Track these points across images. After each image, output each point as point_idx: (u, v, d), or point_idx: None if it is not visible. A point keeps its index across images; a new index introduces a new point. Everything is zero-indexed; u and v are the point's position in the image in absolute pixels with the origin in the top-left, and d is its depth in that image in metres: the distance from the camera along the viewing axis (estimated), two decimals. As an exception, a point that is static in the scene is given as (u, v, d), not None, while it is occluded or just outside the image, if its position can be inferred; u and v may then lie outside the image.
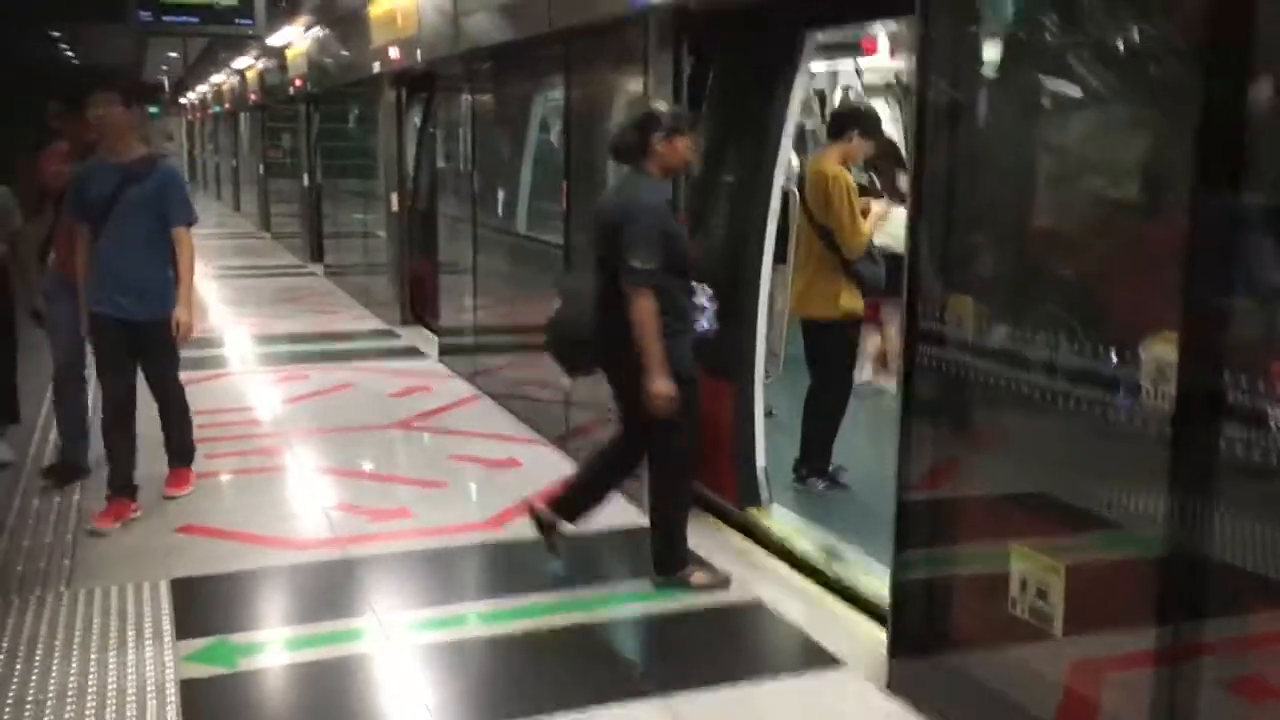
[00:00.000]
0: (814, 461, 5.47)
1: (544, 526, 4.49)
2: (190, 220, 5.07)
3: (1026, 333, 2.92)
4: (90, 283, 4.94)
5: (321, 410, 7.12)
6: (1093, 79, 2.83)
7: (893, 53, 6.25)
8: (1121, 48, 2.76)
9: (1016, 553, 2.99)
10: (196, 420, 6.60)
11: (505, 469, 5.88)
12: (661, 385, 4.08)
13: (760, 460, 5.14)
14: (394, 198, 10.28)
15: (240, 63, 19.35)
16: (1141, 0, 2.73)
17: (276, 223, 18.64)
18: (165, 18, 10.78)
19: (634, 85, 5.20)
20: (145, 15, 10.68)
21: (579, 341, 4.47)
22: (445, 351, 8.52)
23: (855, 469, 5.45)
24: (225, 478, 5.72)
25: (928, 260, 3.31)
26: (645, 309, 4.05)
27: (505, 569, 4.60)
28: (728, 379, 5.11)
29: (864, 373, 6.55)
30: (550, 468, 5.81)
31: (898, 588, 3.51)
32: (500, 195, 7.28)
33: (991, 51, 3.18)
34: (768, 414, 5.20)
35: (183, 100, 34.88)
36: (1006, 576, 3.00)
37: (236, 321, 10.60)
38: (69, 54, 26.43)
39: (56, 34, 21.46)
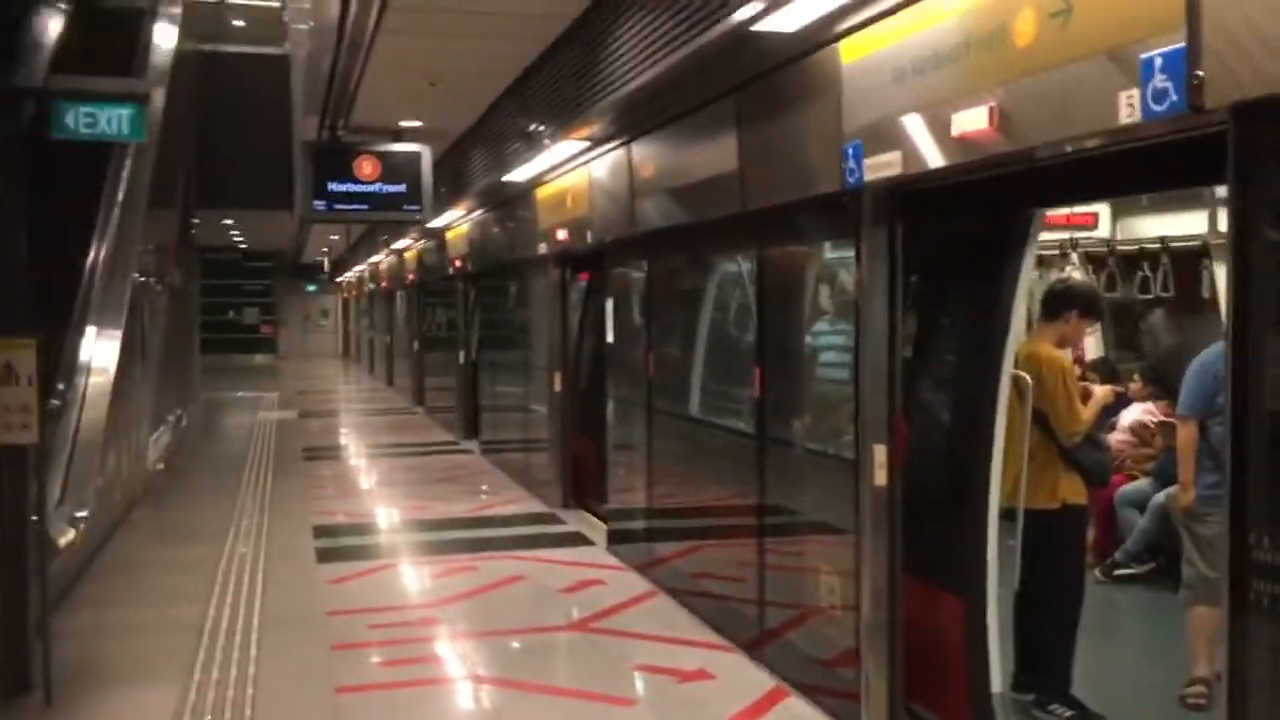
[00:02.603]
0: (1052, 681, 4.82)
1: None
2: None
3: None
4: None
5: (493, 608, 6.73)
6: None
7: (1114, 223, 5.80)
8: None
9: None
10: (367, 618, 6.29)
11: (695, 681, 5.34)
12: None
13: (996, 684, 4.51)
14: (557, 377, 10.09)
15: (399, 244, 19.97)
16: None
17: (430, 398, 18.81)
18: (337, 206, 11.02)
19: (844, 264, 4.85)
20: (319, 204, 10.95)
21: None
22: (615, 539, 8.11)
23: (1099, 687, 4.78)
24: (400, 690, 5.32)
25: (1257, 471, 2.76)
26: None
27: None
28: (954, 590, 4.55)
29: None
30: (744, 679, 5.27)
31: None
32: (681, 377, 6.96)
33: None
34: None
35: (339, 279, 36.40)
36: None
37: (394, 504, 10.42)
38: (239, 239, 27.84)
39: (228, 221, 22.56)
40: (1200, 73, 2.71)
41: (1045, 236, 6.72)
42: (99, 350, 8.65)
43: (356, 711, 4.97)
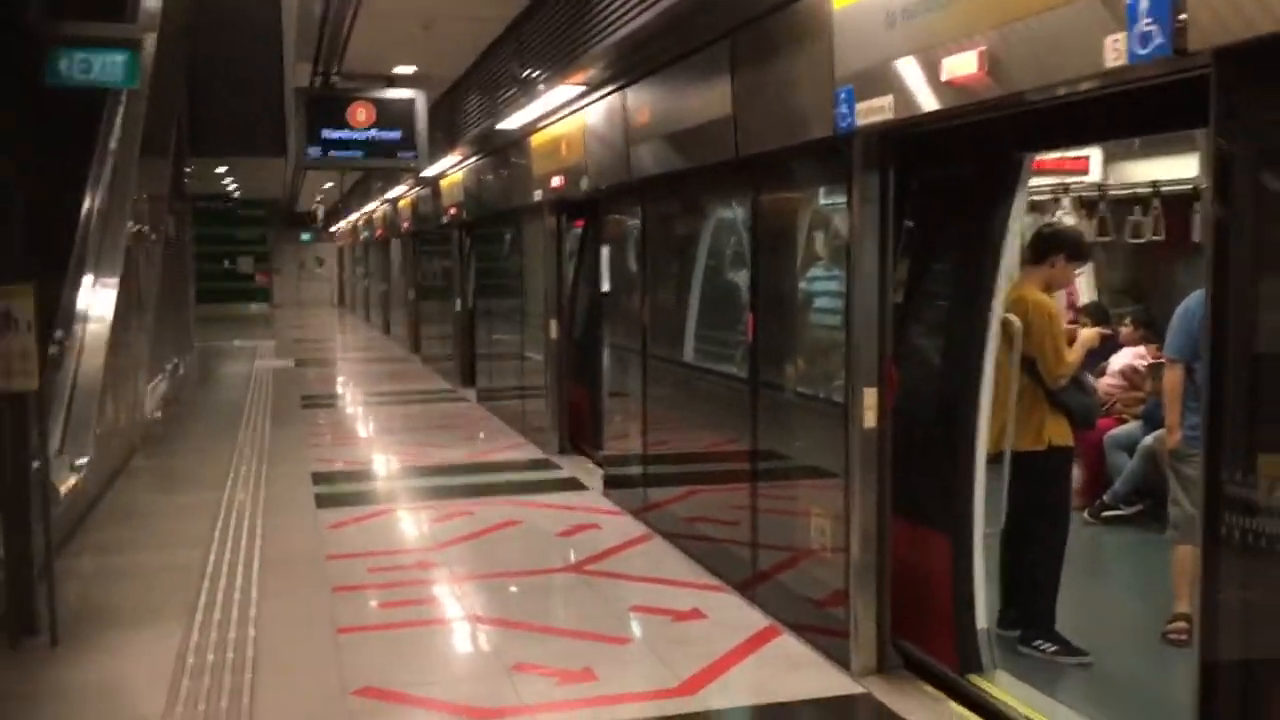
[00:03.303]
0: (1037, 618, 4.93)
1: None
2: None
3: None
4: None
5: (490, 551, 6.83)
6: None
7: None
8: None
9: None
10: (366, 562, 6.39)
11: (690, 621, 5.44)
12: None
13: (981, 621, 4.61)
14: (553, 324, 10.13)
15: (394, 192, 19.90)
16: None
17: (427, 347, 18.85)
18: (331, 152, 11.01)
19: (836, 209, 4.88)
20: (313, 151, 10.93)
21: None
22: (611, 484, 8.20)
23: (1084, 624, 4.89)
24: (400, 631, 5.42)
25: (1233, 411, 2.82)
26: None
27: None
28: (941, 530, 4.64)
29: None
30: (737, 618, 5.38)
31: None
32: (676, 323, 7.01)
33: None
34: None
35: (334, 228, 36.27)
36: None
37: (392, 450, 10.51)
38: (232, 186, 27.71)
39: (222, 169, 22.44)
40: (1184, 16, 2.74)
41: (1037, 181, 6.75)
42: (96, 299, 8.67)
43: (357, 650, 5.06)
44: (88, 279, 8.70)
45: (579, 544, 6.94)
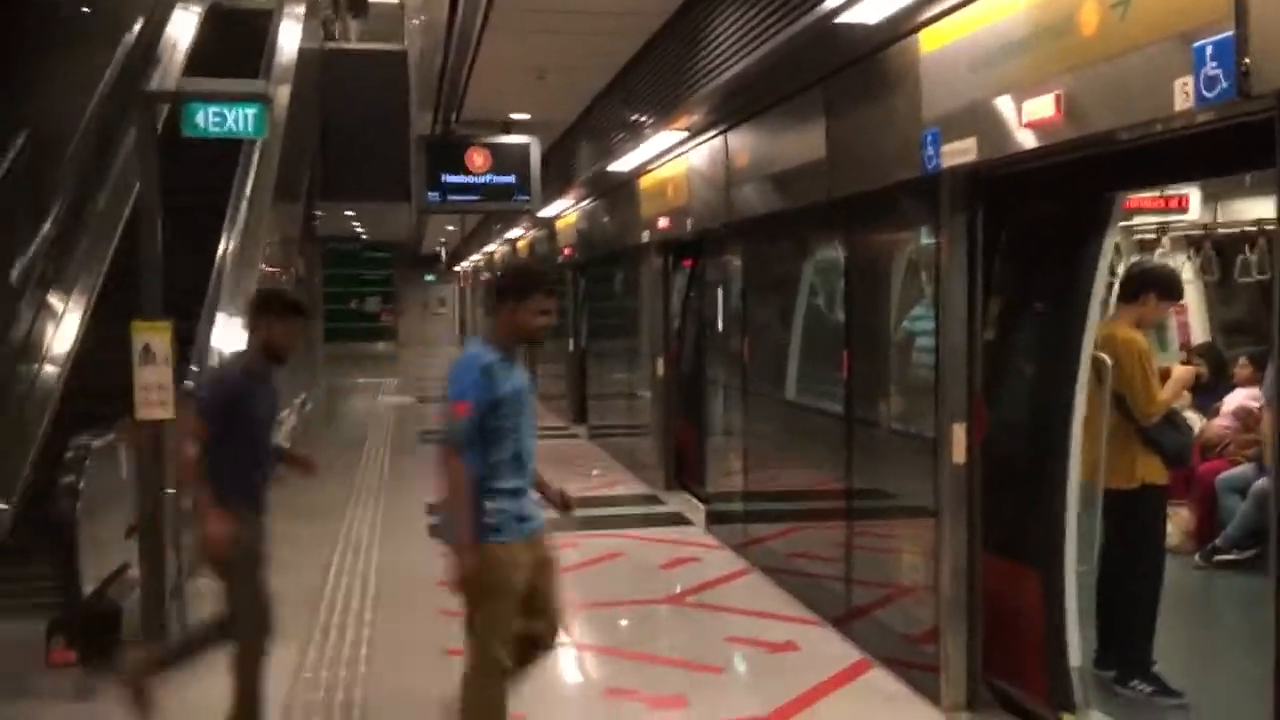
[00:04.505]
0: (1132, 658, 4.88)
1: None
2: None
3: None
4: None
5: (593, 582, 7.02)
6: None
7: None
8: None
9: None
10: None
11: (783, 653, 5.53)
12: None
13: (1075, 659, 4.60)
14: (659, 361, 10.34)
15: (512, 233, 20.45)
16: None
17: (542, 385, 19.24)
18: (450, 197, 11.47)
19: (926, 248, 4.98)
20: (433, 196, 11.41)
21: None
22: (714, 520, 8.32)
23: (1187, 669, 4.82)
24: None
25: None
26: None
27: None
28: (1033, 565, 4.65)
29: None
30: (830, 652, 5.45)
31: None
32: (777, 361, 7.14)
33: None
34: None
35: (456, 269, 37.29)
36: None
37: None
38: (359, 229, 28.72)
39: (350, 212, 23.31)
40: (1247, 60, 2.81)
41: (1141, 220, 6.71)
42: (228, 336, 9.18)
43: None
44: (221, 316, 9.22)
45: (680, 576, 7.09)
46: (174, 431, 5.58)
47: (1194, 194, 6.34)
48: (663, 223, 9.39)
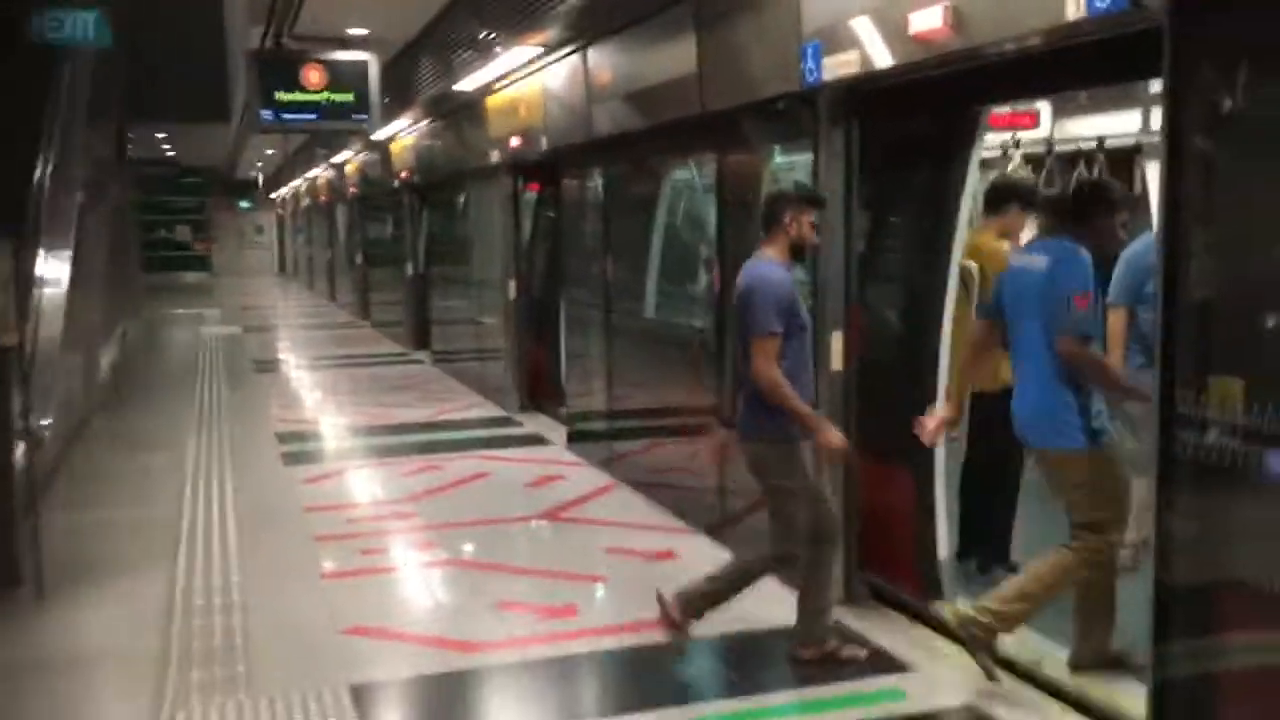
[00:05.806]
0: (993, 548, 5.21)
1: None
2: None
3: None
4: None
5: (465, 501, 7.00)
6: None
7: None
8: None
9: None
10: (343, 514, 6.53)
11: (663, 561, 5.67)
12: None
13: (943, 551, 4.88)
14: (512, 284, 10.26)
15: (339, 157, 19.76)
16: None
17: (376, 312, 18.84)
18: (285, 116, 10.98)
19: (801, 163, 5.08)
20: (267, 115, 10.89)
21: None
22: (575, 439, 8.38)
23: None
24: (384, 575, 5.59)
25: (1185, 338, 3.07)
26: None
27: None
28: (904, 464, 4.89)
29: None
30: (710, 559, 5.59)
31: (1159, 690, 3.21)
32: (637, 279, 7.19)
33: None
34: None
35: (274, 195, 35.84)
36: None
37: (353, 411, 10.59)
38: (170, 152, 27.26)
39: (161, 134, 22.09)
40: (1140, -29, 2.96)
41: (987, 138, 6.99)
42: (51, 265, 8.63)
43: (343, 594, 5.22)
44: (43, 244, 8.65)
45: (549, 494, 7.13)
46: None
47: (1044, 109, 6.63)
48: (514, 141, 9.25)
